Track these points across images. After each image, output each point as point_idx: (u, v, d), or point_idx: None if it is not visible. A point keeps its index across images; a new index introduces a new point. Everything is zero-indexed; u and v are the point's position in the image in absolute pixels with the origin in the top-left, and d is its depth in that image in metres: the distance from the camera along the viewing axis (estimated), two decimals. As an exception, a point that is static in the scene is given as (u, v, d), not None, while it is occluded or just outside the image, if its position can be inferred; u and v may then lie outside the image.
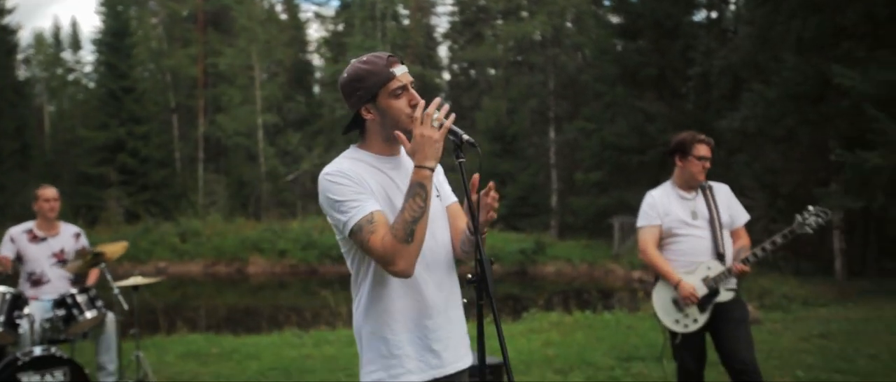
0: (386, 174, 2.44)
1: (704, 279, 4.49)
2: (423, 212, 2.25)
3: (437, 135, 2.29)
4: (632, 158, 25.06)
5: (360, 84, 2.39)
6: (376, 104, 2.39)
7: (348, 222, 2.27)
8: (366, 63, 2.41)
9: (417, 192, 2.25)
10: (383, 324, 2.39)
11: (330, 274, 23.64)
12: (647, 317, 10.07)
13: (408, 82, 2.41)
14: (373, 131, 2.46)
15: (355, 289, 2.48)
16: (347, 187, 2.30)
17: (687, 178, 4.59)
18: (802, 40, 14.36)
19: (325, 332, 9.03)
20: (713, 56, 22.82)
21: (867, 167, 10.95)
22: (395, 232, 2.22)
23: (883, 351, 7.44)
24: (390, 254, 2.22)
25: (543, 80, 34.00)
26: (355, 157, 2.45)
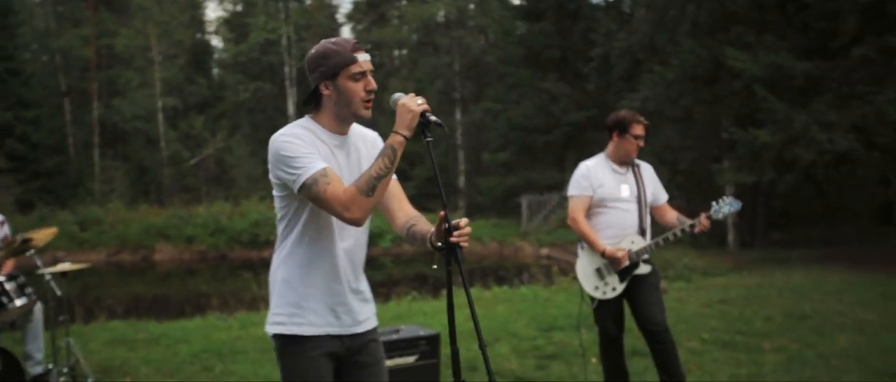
0: (330, 148, 2.64)
1: (628, 251, 4.83)
2: (388, 172, 2.48)
3: (418, 109, 2.51)
4: (537, 138, 25.79)
5: (324, 61, 2.59)
6: (335, 82, 2.59)
7: (301, 175, 2.47)
8: (334, 44, 2.62)
9: (388, 154, 2.48)
10: (297, 277, 2.63)
11: (240, 259, 23.39)
12: (561, 290, 10.57)
13: (367, 69, 2.62)
14: (327, 107, 2.65)
15: (279, 242, 2.69)
16: (299, 146, 2.51)
17: (621, 155, 4.87)
18: (697, 24, 15.15)
19: (250, 315, 9.07)
20: (613, 38, 23.66)
21: (758, 144, 11.74)
22: (359, 184, 2.46)
23: (776, 313, 8.13)
24: (350, 202, 2.44)
25: (449, 62, 34.35)
26: (307, 127, 2.64)
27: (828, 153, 11.33)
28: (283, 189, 2.60)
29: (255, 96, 35.94)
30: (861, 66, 12.17)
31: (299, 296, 2.63)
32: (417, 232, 2.68)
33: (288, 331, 2.63)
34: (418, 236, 2.67)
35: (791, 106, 12.13)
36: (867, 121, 11.10)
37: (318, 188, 2.45)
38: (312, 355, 2.63)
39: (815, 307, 8.39)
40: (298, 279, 2.63)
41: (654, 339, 4.78)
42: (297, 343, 2.63)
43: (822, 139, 11.02)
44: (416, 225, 2.71)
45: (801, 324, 7.63)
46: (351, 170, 2.66)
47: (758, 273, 11.83)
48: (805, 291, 9.53)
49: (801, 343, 6.80)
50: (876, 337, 6.99)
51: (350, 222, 2.52)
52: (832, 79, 12.44)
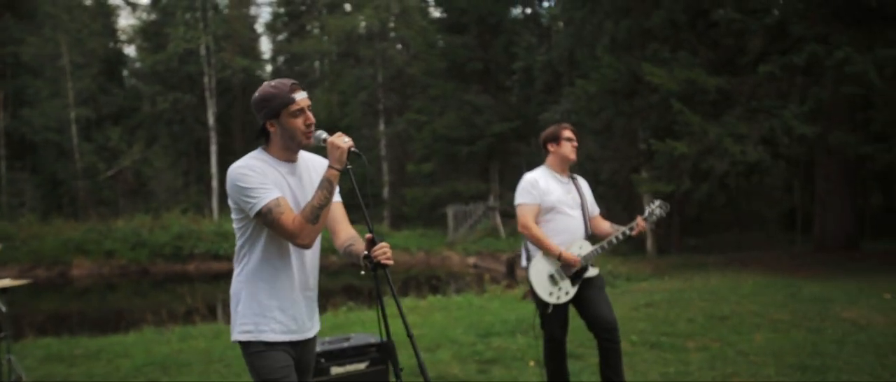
0: (282, 176, 2.99)
1: (578, 256, 5.14)
2: (327, 201, 2.87)
3: (346, 146, 2.92)
4: (461, 149, 26.22)
5: (267, 103, 2.94)
6: (279, 120, 2.95)
7: (256, 204, 2.82)
8: (273, 87, 2.95)
9: (325, 186, 2.88)
10: (260, 290, 2.98)
11: (162, 273, 22.91)
12: (494, 298, 10.91)
13: (305, 106, 2.97)
14: (274, 141, 3.01)
15: (238, 260, 3.04)
16: (254, 177, 2.86)
17: (561, 160, 5.15)
18: (615, 40, 15.81)
19: (187, 328, 9.04)
20: (534, 52, 24.36)
21: (675, 155, 12.37)
22: (305, 214, 2.84)
23: (698, 315, 8.63)
24: (298, 231, 2.83)
25: (372, 73, 34.51)
26: (260, 158, 2.99)
27: (740, 163, 12.04)
28: (239, 212, 2.94)
29: (173, 107, 35.20)
30: (767, 82, 12.97)
31: (263, 308, 2.98)
32: (353, 251, 3.03)
33: (255, 338, 2.97)
34: (353, 255, 3.03)
35: (705, 119, 12.83)
36: (774, 133, 11.84)
37: (271, 216, 2.83)
38: (278, 354, 2.98)
39: (732, 308, 8.93)
40: (263, 292, 2.98)
41: (605, 337, 5.06)
42: (263, 348, 2.97)
43: (735, 150, 11.70)
44: (353, 245, 3.05)
45: (720, 324, 8.14)
46: (303, 191, 3.02)
47: (678, 277, 12.43)
48: (722, 294, 10.12)
49: (722, 342, 7.27)
50: (788, 335, 7.53)
51: (300, 246, 2.92)
52: (741, 94, 13.20)
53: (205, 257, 23.69)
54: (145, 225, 24.59)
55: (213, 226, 24.89)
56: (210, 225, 25.16)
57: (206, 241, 23.87)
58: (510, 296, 11.13)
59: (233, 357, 7.19)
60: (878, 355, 6.52)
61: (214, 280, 21.70)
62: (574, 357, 6.39)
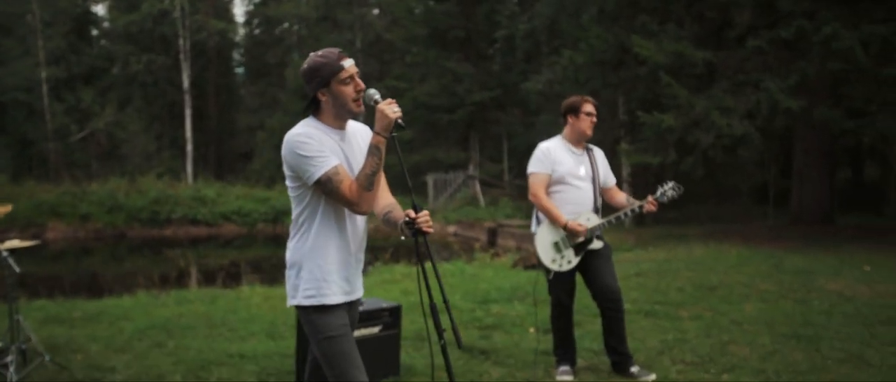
0: (336, 143, 3.09)
1: (585, 227, 5.23)
2: (378, 167, 2.98)
3: (393, 117, 3.00)
4: (441, 117, 26.21)
5: (316, 73, 3.03)
6: (329, 89, 3.04)
7: (316, 172, 2.94)
8: (321, 56, 3.05)
9: (374, 153, 2.99)
10: (320, 256, 3.10)
11: (140, 238, 22.73)
12: (485, 266, 11.04)
13: (354, 73, 3.05)
14: (326, 109, 3.10)
15: (297, 227, 3.15)
16: (313, 144, 2.97)
17: (578, 134, 5.24)
18: (603, 11, 15.85)
19: (183, 292, 9.05)
20: (517, 20, 24.32)
21: (662, 127, 12.52)
22: (360, 182, 2.96)
23: (687, 284, 8.82)
24: (356, 198, 2.97)
25: (351, 39, 34.23)
26: (314, 126, 3.08)
27: (726, 136, 12.22)
28: (296, 180, 3.05)
29: (147, 69, 34.63)
30: (754, 56, 13.12)
31: (324, 272, 3.11)
32: (392, 218, 3.15)
33: (318, 302, 3.11)
34: (392, 221, 3.15)
35: (691, 92, 12.97)
36: (759, 107, 12.02)
37: (332, 184, 2.95)
38: (338, 313, 3.14)
39: (720, 278, 9.13)
40: (323, 257, 3.11)
41: (609, 306, 5.22)
42: (325, 310, 3.12)
43: (722, 123, 11.88)
44: (392, 213, 3.17)
45: (710, 294, 8.33)
46: (354, 158, 3.12)
47: (661, 248, 12.65)
48: (708, 264, 10.33)
49: (715, 312, 7.46)
50: (777, 305, 7.75)
51: (358, 213, 3.07)
52: (727, 68, 13.36)
53: (182, 222, 23.54)
54: (121, 189, 24.30)
55: (190, 191, 24.69)
56: (187, 190, 24.96)
57: (183, 206, 23.69)
58: (499, 264, 11.26)
59: (235, 321, 7.24)
60: (866, 325, 6.75)
61: (193, 244, 21.59)
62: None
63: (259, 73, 41.05)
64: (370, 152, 2.98)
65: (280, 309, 7.82)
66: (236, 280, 10.92)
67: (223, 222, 23.79)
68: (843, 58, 11.56)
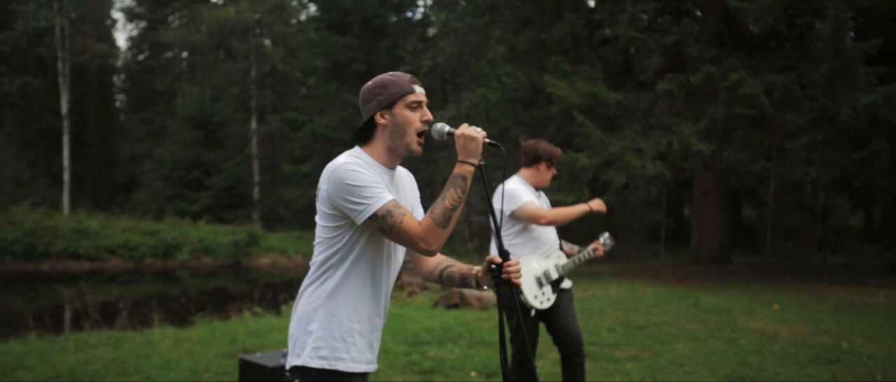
0: (386, 182, 2.61)
1: (556, 266, 5.05)
2: (461, 202, 2.49)
3: (480, 136, 2.55)
4: (342, 150, 25.64)
5: (382, 90, 2.60)
6: (392, 111, 2.59)
7: (371, 205, 2.44)
8: (392, 75, 2.66)
9: (459, 184, 2.49)
10: (343, 310, 2.58)
11: (11, 272, 20.93)
12: (406, 305, 10.68)
13: (424, 101, 2.66)
14: (379, 139, 2.63)
15: (318, 273, 2.62)
16: (367, 175, 2.48)
17: (538, 181, 5.08)
18: (515, 50, 16.01)
19: (82, 335, 8.23)
20: (420, 56, 24.32)
21: (577, 166, 12.65)
22: (435, 216, 2.46)
23: (615, 325, 8.81)
24: (427, 235, 2.45)
25: (245, 68, 33.32)
26: (361, 157, 2.60)
27: (641, 177, 12.47)
28: (338, 219, 2.55)
29: (21, 91, 32.40)
30: (661, 99, 13.53)
31: (344, 331, 2.58)
32: (455, 273, 2.74)
33: (331, 366, 2.57)
34: (457, 277, 2.73)
35: (604, 132, 13.21)
36: (671, 149, 12.36)
37: (392, 219, 2.46)
38: None
39: (645, 318, 9.19)
40: (346, 312, 2.59)
41: (571, 351, 5.01)
42: (336, 377, 2.58)
43: (636, 164, 12.11)
44: (451, 267, 2.76)
45: (640, 334, 8.34)
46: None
47: (578, 286, 12.67)
48: (628, 303, 10.41)
49: (650, 352, 7.44)
50: (707, 344, 7.82)
51: (425, 253, 2.52)
52: (638, 110, 13.70)
53: (61, 256, 21.85)
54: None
55: (70, 223, 23.02)
56: (67, 222, 23.26)
57: (62, 239, 22.02)
58: (419, 303, 10.95)
59: (150, 368, 6.60)
60: (799, 364, 6.88)
61: (74, 280, 20.10)
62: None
63: (144, 101, 39.26)
64: (452, 183, 2.48)
65: (198, 355, 7.21)
66: (137, 319, 10.07)
67: (107, 256, 22.28)
68: (748, 103, 12.06)
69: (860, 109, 11.18)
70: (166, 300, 16.09)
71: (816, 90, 12.15)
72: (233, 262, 23.02)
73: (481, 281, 2.63)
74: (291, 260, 23.32)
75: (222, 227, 24.68)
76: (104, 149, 36.99)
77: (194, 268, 22.15)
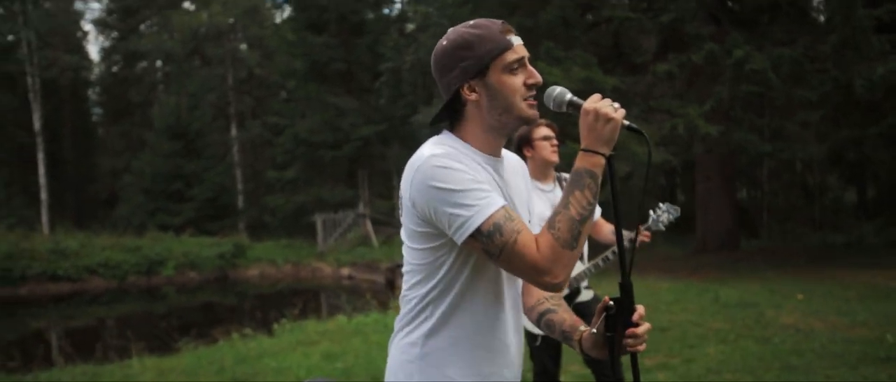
0: (493, 176, 1.86)
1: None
2: (592, 210, 1.74)
3: (618, 115, 1.78)
4: (325, 154, 24.99)
5: (468, 52, 1.81)
6: (485, 80, 1.82)
7: (474, 217, 1.70)
8: (475, 28, 1.85)
9: (587, 184, 1.75)
10: (448, 358, 1.85)
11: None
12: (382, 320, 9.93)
13: (526, 56, 1.87)
14: (473, 118, 1.87)
15: (415, 311, 1.87)
16: (465, 174, 1.73)
17: (541, 166, 4.25)
18: (502, 39, 15.27)
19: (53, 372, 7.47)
20: (402, 52, 23.53)
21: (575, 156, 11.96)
22: (558, 234, 1.70)
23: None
24: (549, 262, 1.69)
25: (222, 74, 32.44)
26: (456, 146, 1.84)
27: (644, 165, 11.81)
28: (432, 237, 1.79)
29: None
30: (662, 81, 12.87)
31: None
32: (557, 324, 1.94)
33: None
34: (558, 329, 1.94)
35: (603, 120, 12.53)
36: (677, 133, 11.70)
37: (502, 238, 1.70)
38: None
39: (668, 319, 8.52)
40: (455, 365, 1.84)
41: (607, 374, 4.34)
42: None
43: (638, 151, 11.44)
44: (555, 313, 1.96)
45: (665, 337, 7.66)
46: (516, 204, 1.93)
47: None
48: (646, 302, 9.49)
49: (680, 358, 6.76)
50: (739, 345, 7.15)
51: (549, 287, 1.74)
52: (636, 94, 13.04)
53: (40, 279, 20.94)
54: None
55: (48, 244, 22.10)
56: (45, 243, 22.33)
57: (41, 261, 21.10)
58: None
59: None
60: (849, 366, 6.22)
61: (54, 303, 19.25)
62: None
63: (120, 113, 38.26)
64: (578, 182, 1.75)
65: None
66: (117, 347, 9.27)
67: (88, 276, 21.39)
68: (756, 80, 11.41)
69: (876, 80, 10.53)
70: (153, 319, 15.32)
71: (826, 62, 11.50)
72: (219, 275, 22.23)
73: (587, 348, 1.85)
74: (280, 269, 22.57)
75: (207, 240, 23.87)
76: (82, 165, 36.04)
77: (180, 284, 21.34)
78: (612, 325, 1.75)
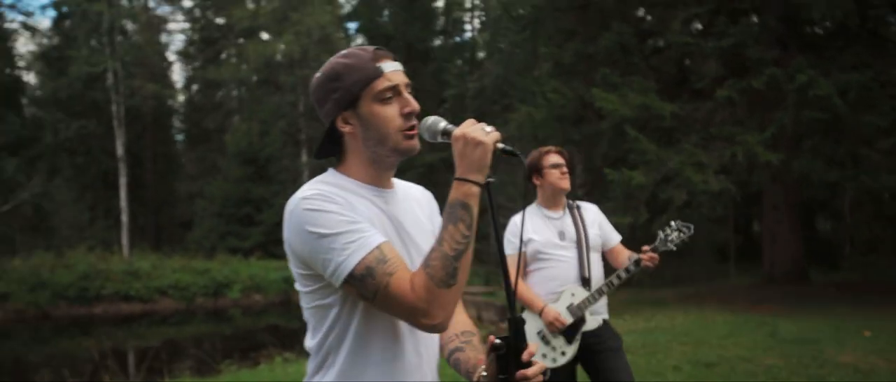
0: (376, 207, 1.78)
1: (569, 307, 4.19)
2: (467, 244, 1.64)
3: (488, 139, 1.69)
4: (397, 179, 25.20)
5: (338, 83, 1.77)
6: (358, 111, 1.77)
7: (346, 262, 1.62)
8: (346, 57, 1.81)
9: (460, 216, 1.64)
10: None
11: (66, 317, 20.85)
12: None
13: (401, 83, 1.81)
14: (353, 151, 1.81)
15: (316, 356, 1.78)
16: (338, 215, 1.65)
17: (550, 194, 4.22)
18: (560, 65, 15.16)
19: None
20: (466, 79, 23.67)
21: (632, 184, 11.69)
22: (432, 272, 1.61)
23: (683, 362, 7.79)
24: (425, 303, 1.60)
25: (293, 102, 33.19)
26: (337, 183, 1.78)
27: (703, 193, 11.45)
28: (316, 280, 1.72)
29: (78, 135, 32.89)
30: (722, 108, 12.49)
31: None
32: (462, 364, 1.84)
33: None
34: (462, 369, 1.83)
35: (661, 146, 12.23)
36: (736, 161, 11.31)
37: (375, 281, 1.62)
38: None
39: (716, 353, 8.16)
40: None
41: None
42: None
43: (697, 180, 11.10)
44: (462, 351, 1.85)
45: (711, 373, 7.33)
46: (411, 237, 1.84)
47: (637, 315, 11.66)
48: (697, 335, 9.36)
49: (725, 397, 6.45)
50: (791, 384, 6.78)
51: (428, 329, 1.66)
52: (695, 120, 12.69)
53: (114, 299, 21.73)
54: (46, 265, 22.41)
55: (123, 265, 22.94)
56: (120, 264, 23.19)
57: (115, 281, 21.91)
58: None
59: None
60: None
61: (125, 323, 19.90)
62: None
63: (199, 139, 39.58)
64: (452, 216, 1.65)
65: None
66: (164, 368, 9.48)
67: (158, 297, 22.06)
68: (820, 106, 10.94)
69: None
70: (222, 339, 15.61)
71: (897, 88, 10.97)
72: (283, 299, 22.56)
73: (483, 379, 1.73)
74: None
75: (274, 263, 24.30)
76: (162, 189, 37.35)
77: (245, 306, 21.78)
78: (504, 366, 1.63)
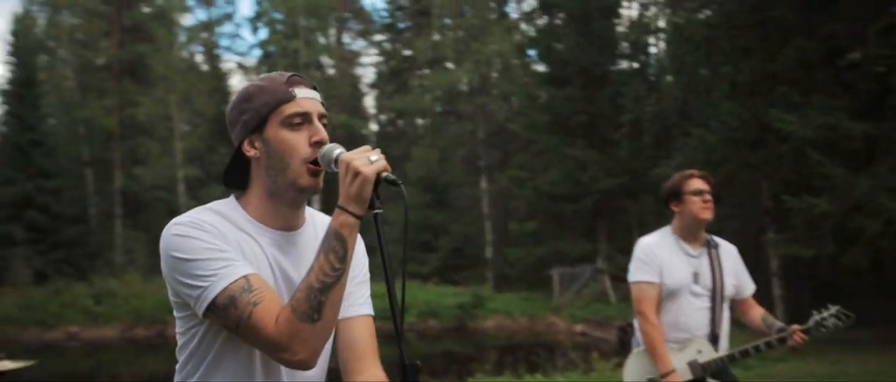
0: (262, 248, 1.69)
1: (691, 363, 3.79)
2: (338, 277, 1.55)
3: (369, 170, 1.56)
4: (566, 207, 24.88)
5: (248, 104, 1.70)
6: (263, 135, 1.69)
7: (209, 289, 1.55)
8: (261, 80, 1.75)
9: (332, 247, 1.56)
10: None
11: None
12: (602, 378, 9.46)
13: (313, 112, 1.73)
14: (256, 181, 1.73)
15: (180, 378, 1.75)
16: (203, 242, 1.59)
17: (689, 224, 3.82)
18: (736, 85, 14.30)
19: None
20: (643, 103, 22.92)
21: (816, 212, 10.71)
22: (295, 304, 1.54)
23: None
24: (286, 337, 1.52)
25: (472, 129, 33.80)
26: (225, 213, 1.70)
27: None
28: (184, 307, 1.67)
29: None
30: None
31: None
32: None
33: None
34: None
35: (849, 170, 11.12)
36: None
37: (238, 312, 1.54)
38: None
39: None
40: None
41: None
42: None
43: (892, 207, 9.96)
44: None
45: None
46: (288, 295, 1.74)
47: (823, 358, 10.57)
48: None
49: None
50: None
51: (292, 365, 1.59)
52: (892, 141, 11.44)
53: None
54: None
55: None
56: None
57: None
58: (621, 378, 9.64)
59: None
60: None
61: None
62: None
63: (387, 167, 41.30)
64: (324, 245, 1.57)
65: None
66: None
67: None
68: None
69: None
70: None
71: None
72: (458, 325, 22.83)
73: None
74: (516, 321, 22.69)
75: (449, 289, 24.69)
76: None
77: (420, 331, 22.23)
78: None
